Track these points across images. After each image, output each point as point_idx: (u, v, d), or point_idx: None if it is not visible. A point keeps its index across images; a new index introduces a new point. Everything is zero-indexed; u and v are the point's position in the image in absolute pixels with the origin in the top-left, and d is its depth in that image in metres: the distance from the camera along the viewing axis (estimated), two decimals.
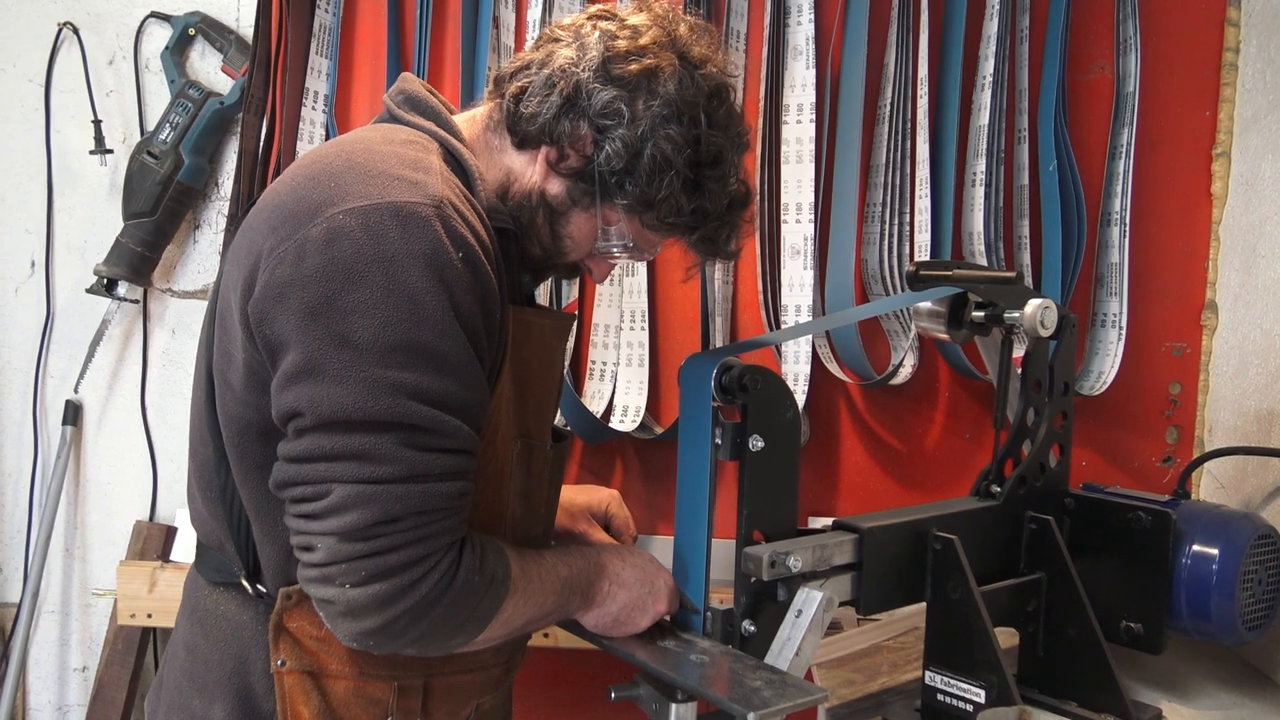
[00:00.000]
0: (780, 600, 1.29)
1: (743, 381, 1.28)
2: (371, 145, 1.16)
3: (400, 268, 1.05)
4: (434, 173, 1.13)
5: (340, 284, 1.04)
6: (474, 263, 1.09)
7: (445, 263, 1.06)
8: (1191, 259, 2.14)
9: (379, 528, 1.05)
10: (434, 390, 1.06)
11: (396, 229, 1.05)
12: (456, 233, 1.08)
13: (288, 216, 1.09)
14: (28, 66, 2.35)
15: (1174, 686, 1.57)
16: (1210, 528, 1.49)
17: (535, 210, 1.24)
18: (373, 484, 1.04)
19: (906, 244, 2.09)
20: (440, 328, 1.06)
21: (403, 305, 1.04)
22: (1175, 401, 2.16)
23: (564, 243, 1.27)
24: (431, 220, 1.07)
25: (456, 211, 1.10)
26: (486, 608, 1.14)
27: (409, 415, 1.05)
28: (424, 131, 1.23)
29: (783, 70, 2.12)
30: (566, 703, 2.21)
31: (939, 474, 2.20)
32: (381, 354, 1.04)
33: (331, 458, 1.05)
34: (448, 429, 1.07)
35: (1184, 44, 2.12)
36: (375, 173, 1.10)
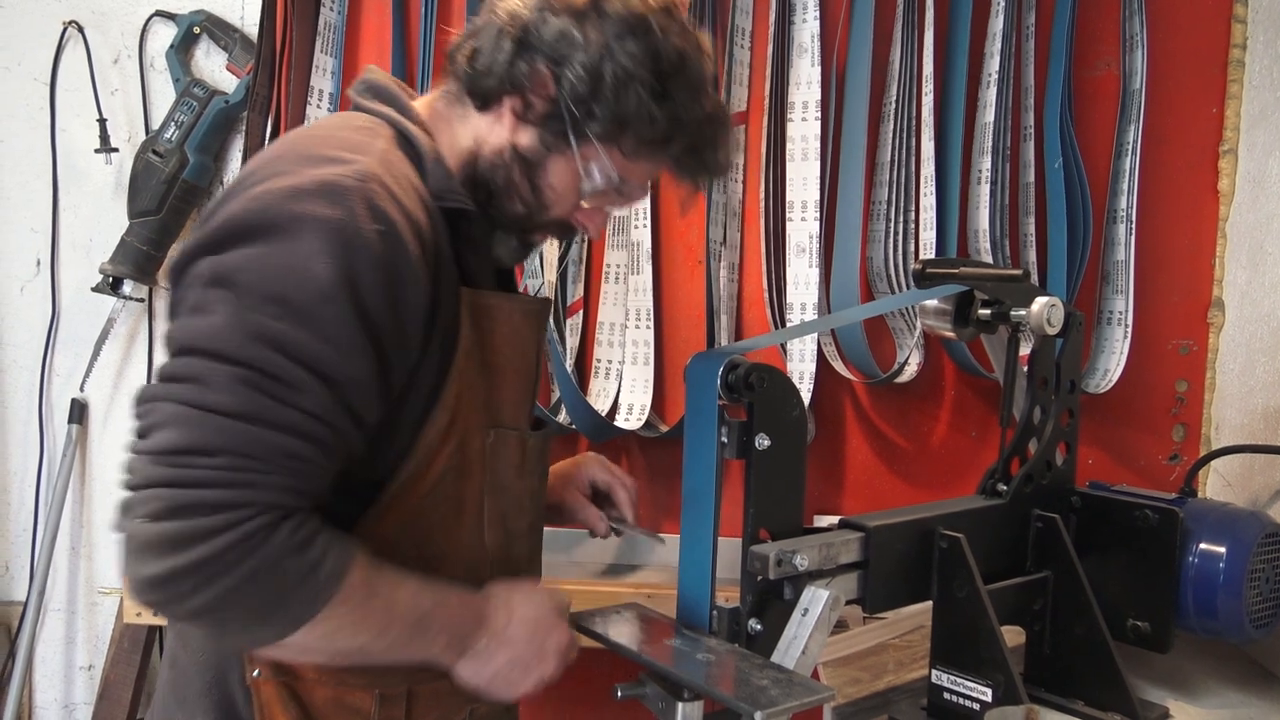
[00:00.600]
0: (787, 599, 1.29)
1: (749, 380, 1.27)
2: (318, 131, 1.17)
3: (302, 228, 1.02)
4: (373, 153, 1.11)
5: (238, 240, 1.02)
6: (394, 240, 1.05)
7: (354, 232, 1.03)
8: (1198, 256, 2.14)
9: (190, 457, 0.96)
10: (298, 346, 1.00)
11: (310, 200, 1.03)
12: (378, 207, 1.05)
13: (225, 195, 1.09)
14: (33, 65, 2.35)
15: (1181, 685, 1.57)
16: (1217, 526, 1.48)
17: (510, 167, 1.21)
18: (197, 408, 0.97)
19: (911, 242, 2.09)
20: (326, 293, 1.01)
21: (292, 263, 1.01)
22: (1182, 399, 2.16)
23: (546, 195, 1.22)
24: (351, 193, 1.04)
25: (385, 188, 1.07)
26: (299, 603, 1.02)
27: (260, 359, 0.99)
28: (380, 116, 1.21)
29: (788, 68, 2.12)
30: (572, 701, 2.21)
31: (945, 472, 2.20)
32: (255, 301, 1.00)
33: (173, 379, 1.00)
34: (301, 384, 1.00)
35: (1190, 40, 2.11)
36: (312, 155, 1.09)
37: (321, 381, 1.02)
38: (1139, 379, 2.12)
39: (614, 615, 1.35)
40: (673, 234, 2.22)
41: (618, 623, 1.32)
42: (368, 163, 1.09)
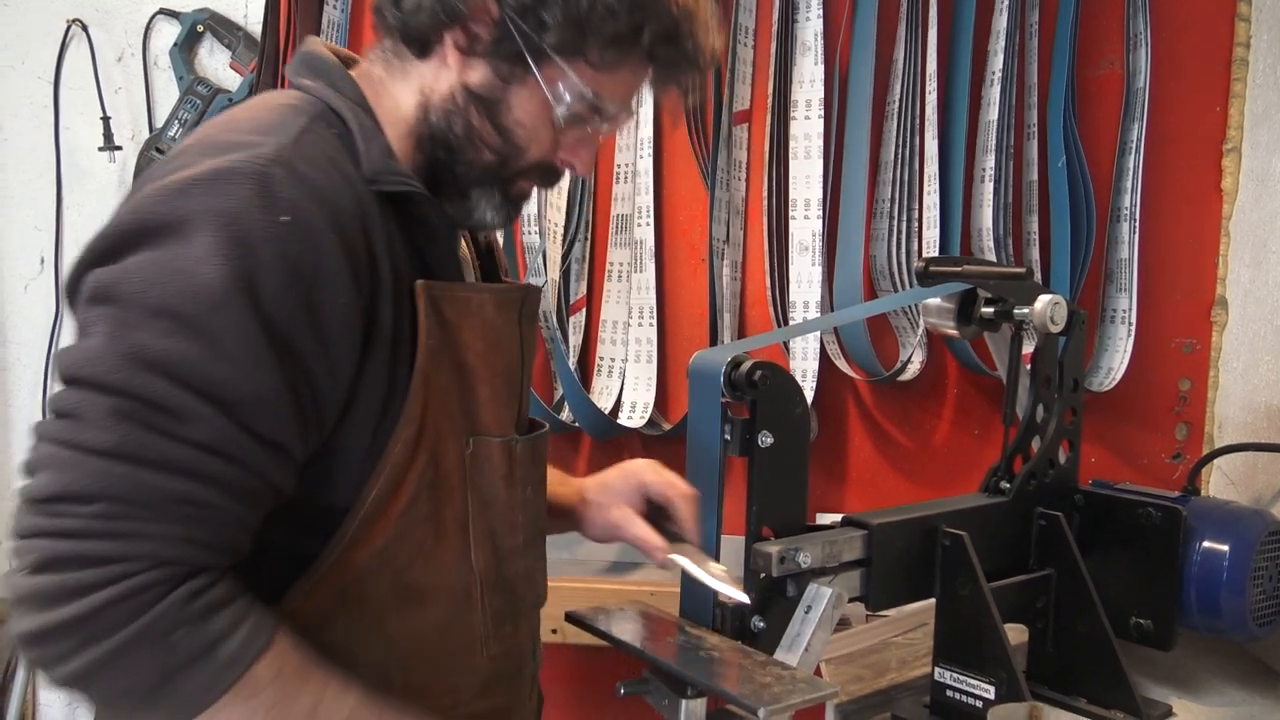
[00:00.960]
0: (790, 596, 1.29)
1: (752, 378, 1.27)
2: (235, 115, 1.03)
3: (190, 228, 0.88)
4: (288, 134, 0.96)
5: (124, 245, 0.89)
6: (303, 231, 0.91)
7: (250, 226, 0.88)
8: (1201, 255, 2.14)
9: (66, 504, 0.84)
10: (186, 367, 0.86)
11: (203, 192, 0.89)
12: (281, 195, 0.90)
13: (131, 192, 0.97)
14: (36, 64, 2.35)
15: (1184, 683, 1.57)
16: (1220, 524, 1.49)
17: (466, 112, 1.05)
18: (72, 448, 0.85)
19: (915, 240, 2.09)
20: (216, 300, 0.86)
21: (177, 268, 0.87)
22: (1185, 398, 2.16)
23: (515, 134, 1.07)
24: (248, 180, 0.90)
25: (292, 172, 0.92)
26: (192, 685, 0.87)
27: (140, 385, 0.85)
28: (309, 92, 1.05)
29: (791, 66, 2.12)
30: (575, 698, 2.21)
31: (947, 470, 2.20)
32: (137, 316, 0.86)
33: (53, 414, 0.88)
34: (189, 413, 0.86)
35: (1194, 39, 2.11)
36: (216, 143, 0.95)
37: (215, 406, 0.87)
38: (1142, 377, 2.12)
39: (617, 613, 1.35)
40: (676, 232, 2.22)
41: (621, 620, 1.32)
42: (275, 145, 0.94)
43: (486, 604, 1.12)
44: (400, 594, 1.04)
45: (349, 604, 1.02)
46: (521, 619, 1.19)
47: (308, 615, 1.00)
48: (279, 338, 0.90)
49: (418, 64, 1.07)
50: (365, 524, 1.00)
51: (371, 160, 1.01)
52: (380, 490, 1.00)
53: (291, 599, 1.00)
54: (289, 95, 1.06)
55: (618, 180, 2.20)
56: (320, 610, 1.01)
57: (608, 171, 2.21)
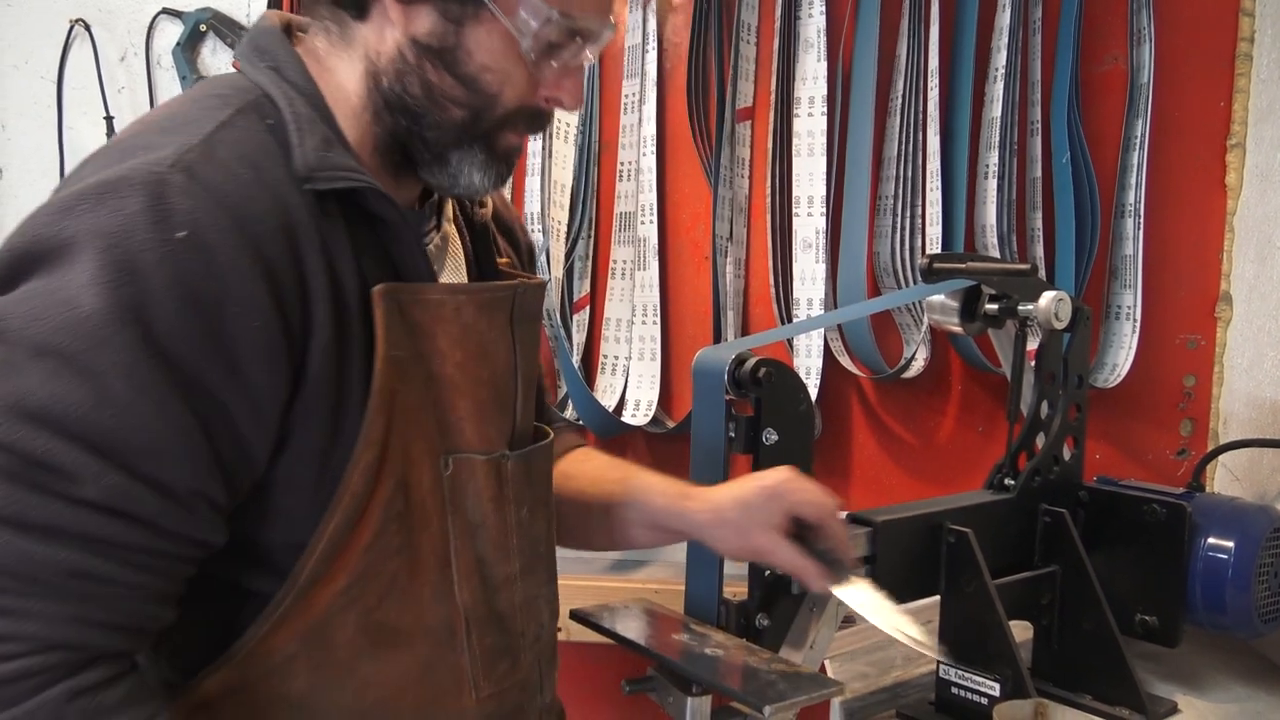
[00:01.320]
0: (794, 594, 1.29)
1: (756, 375, 1.27)
2: (156, 111, 0.93)
3: (74, 252, 0.77)
4: (197, 130, 0.85)
5: (15, 271, 0.79)
6: (205, 246, 0.79)
7: (138, 247, 0.77)
8: (1206, 251, 2.13)
9: None
10: (75, 416, 0.75)
11: (89, 208, 0.78)
12: (177, 207, 0.79)
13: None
14: (40, 63, 2.35)
15: (1189, 679, 1.56)
16: (1226, 520, 1.48)
17: (420, 68, 0.93)
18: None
19: (918, 237, 2.08)
20: (100, 335, 0.76)
21: (61, 299, 0.76)
22: (1189, 394, 2.15)
23: (481, 81, 0.94)
24: (137, 191, 0.78)
25: (194, 177, 0.81)
26: None
27: (21, 440, 0.74)
28: (249, 78, 0.94)
29: (794, 63, 2.12)
30: (579, 696, 2.21)
31: (952, 467, 2.20)
32: (22, 357, 0.76)
33: None
34: (80, 471, 0.75)
35: (1198, 35, 2.10)
36: (122, 147, 0.85)
37: (107, 460, 0.76)
38: (1147, 373, 2.11)
39: (621, 610, 1.35)
40: (679, 230, 2.22)
41: (625, 618, 1.32)
42: (178, 146, 0.83)
43: (475, 641, 1.01)
44: (371, 636, 0.94)
45: (312, 648, 0.92)
46: (523, 653, 1.08)
47: (267, 661, 0.91)
48: (180, 373, 0.79)
49: (358, 27, 0.95)
50: (324, 561, 0.90)
51: (305, 155, 0.88)
52: (339, 524, 0.89)
53: (247, 643, 0.90)
54: (222, 83, 0.95)
55: (621, 178, 2.20)
56: (280, 655, 0.91)
57: (611, 169, 2.21)
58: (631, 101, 2.17)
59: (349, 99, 0.95)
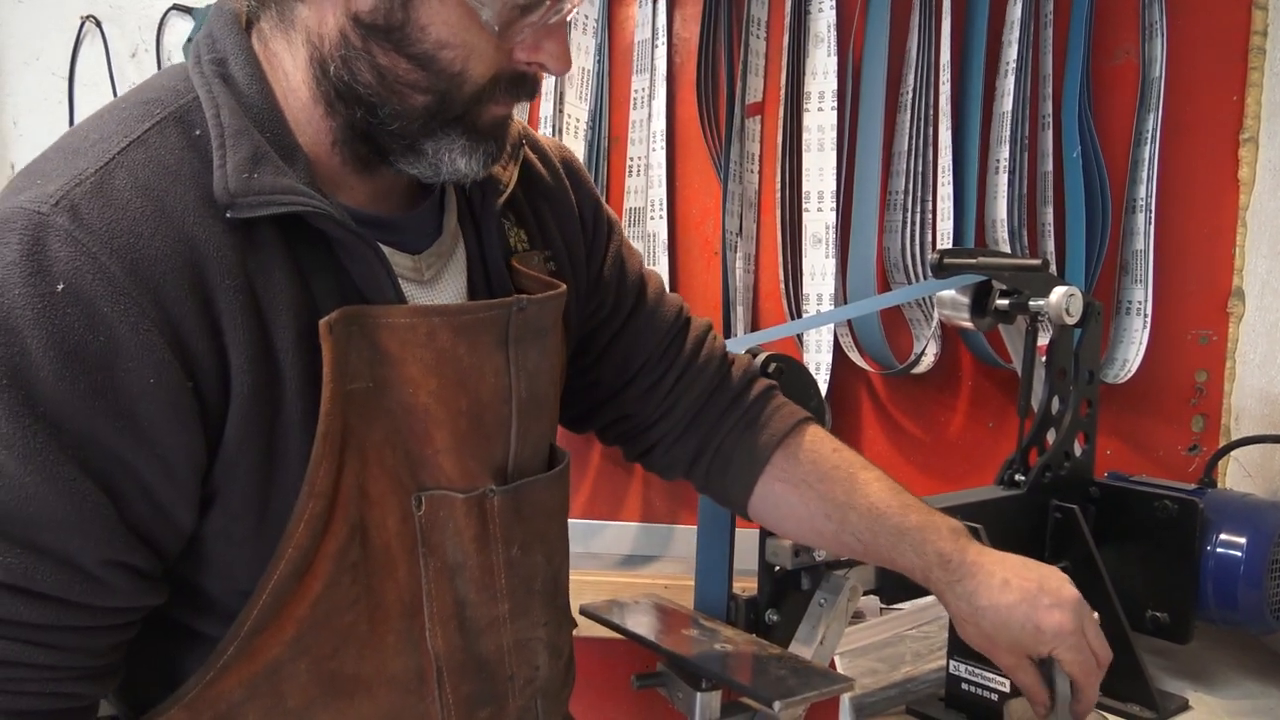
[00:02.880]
0: (804, 589, 1.29)
1: (767, 370, 1.27)
2: (82, 123, 0.84)
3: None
4: (99, 153, 0.77)
5: None
6: (86, 299, 0.70)
7: (11, 303, 0.69)
8: (1218, 245, 2.12)
9: None
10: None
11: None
12: (56, 255, 0.70)
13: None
14: (51, 59, 2.36)
15: (1200, 676, 1.56)
16: (1237, 516, 1.48)
17: (367, 51, 0.81)
18: None
19: (929, 232, 2.08)
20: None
21: None
22: (1201, 389, 2.15)
23: (440, 59, 0.81)
24: (16, 238, 0.71)
25: (78, 218, 0.72)
26: None
27: None
28: (191, 79, 0.84)
29: (804, 58, 2.11)
30: (589, 691, 2.21)
31: (962, 463, 2.19)
32: None
33: None
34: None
35: (1211, 28, 2.09)
36: (26, 173, 0.79)
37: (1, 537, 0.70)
38: (1158, 369, 2.11)
39: (631, 605, 1.35)
40: (689, 225, 2.22)
41: (635, 613, 1.33)
42: (69, 178, 0.74)
43: (449, 690, 0.93)
44: (326, 685, 0.87)
45: (261, 695, 0.85)
46: (511, 698, 0.99)
47: (215, 706, 0.85)
48: (70, 436, 0.71)
49: (298, 8, 0.83)
50: (269, 612, 0.83)
51: (225, 177, 0.77)
52: (283, 576, 0.82)
53: (193, 686, 0.84)
54: (159, 85, 0.85)
55: (630, 173, 2.20)
56: (227, 702, 0.85)
57: (620, 164, 2.21)
58: (641, 96, 2.17)
59: (297, 91, 0.84)
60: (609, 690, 2.21)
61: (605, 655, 2.14)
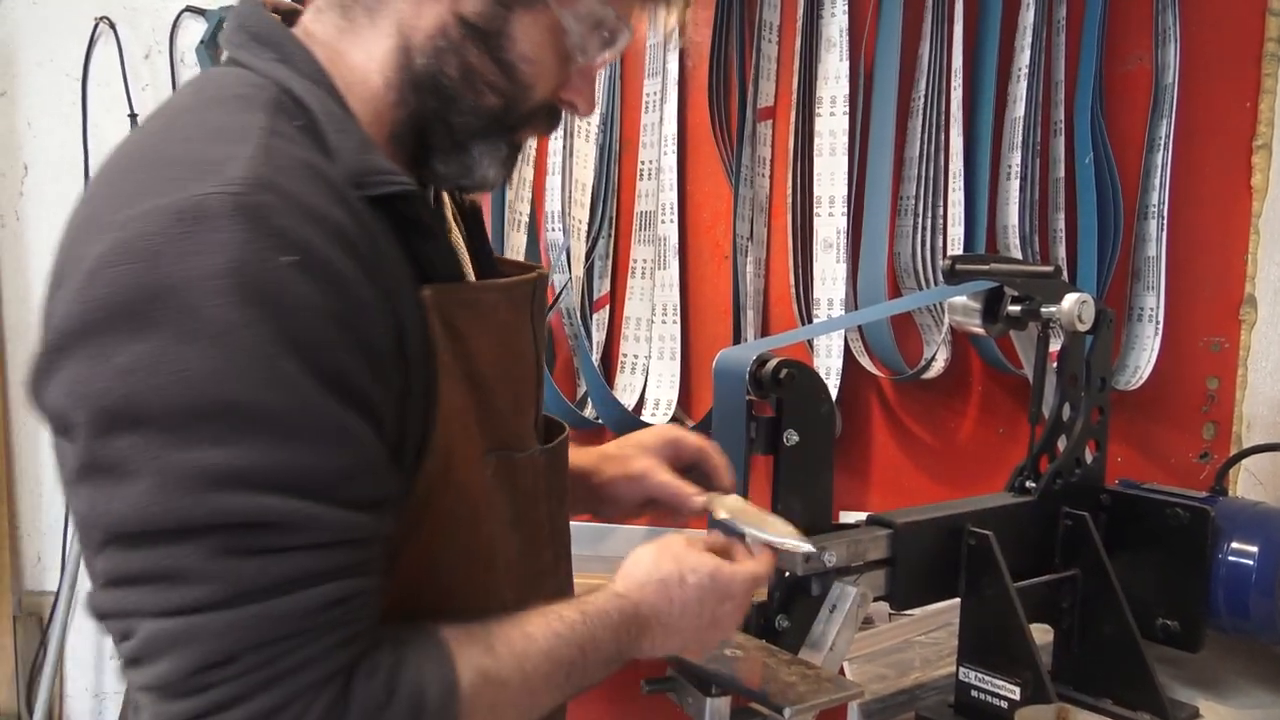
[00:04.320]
0: (814, 595, 1.29)
1: (778, 376, 1.27)
2: (172, 117, 0.84)
3: (195, 298, 0.70)
4: (248, 140, 0.78)
5: (114, 335, 0.71)
6: (317, 265, 0.74)
7: (262, 275, 0.72)
8: (1230, 252, 2.12)
9: (205, 675, 0.72)
10: (265, 468, 0.72)
11: (183, 241, 0.71)
12: (280, 227, 0.73)
13: (71, 238, 0.77)
14: (65, 60, 2.37)
15: (1211, 684, 1.55)
16: (1249, 525, 1.47)
17: (462, 48, 0.87)
18: (184, 614, 0.72)
19: (940, 237, 2.08)
20: (265, 376, 0.72)
21: (203, 353, 0.70)
22: (1213, 397, 2.14)
23: (521, 70, 0.89)
24: (231, 217, 0.72)
25: (279, 195, 0.74)
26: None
27: (225, 512, 0.71)
28: (259, 73, 0.86)
29: (816, 62, 2.11)
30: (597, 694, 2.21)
31: (972, 469, 2.19)
32: (179, 429, 0.71)
33: (130, 582, 0.74)
34: (294, 519, 0.73)
35: (1224, 34, 2.09)
36: (164, 159, 0.78)
37: (316, 499, 0.75)
38: (1169, 376, 2.10)
39: None
40: (700, 229, 2.22)
41: None
42: (240, 160, 0.75)
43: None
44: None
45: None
46: None
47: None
48: (346, 391, 0.76)
49: (390, 0, 0.88)
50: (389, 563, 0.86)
51: (346, 159, 0.82)
52: (400, 533, 0.86)
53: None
54: (235, 79, 0.86)
55: (641, 177, 2.20)
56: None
57: (631, 168, 2.21)
58: (653, 100, 2.17)
59: (367, 79, 0.88)
60: (618, 695, 2.20)
61: None
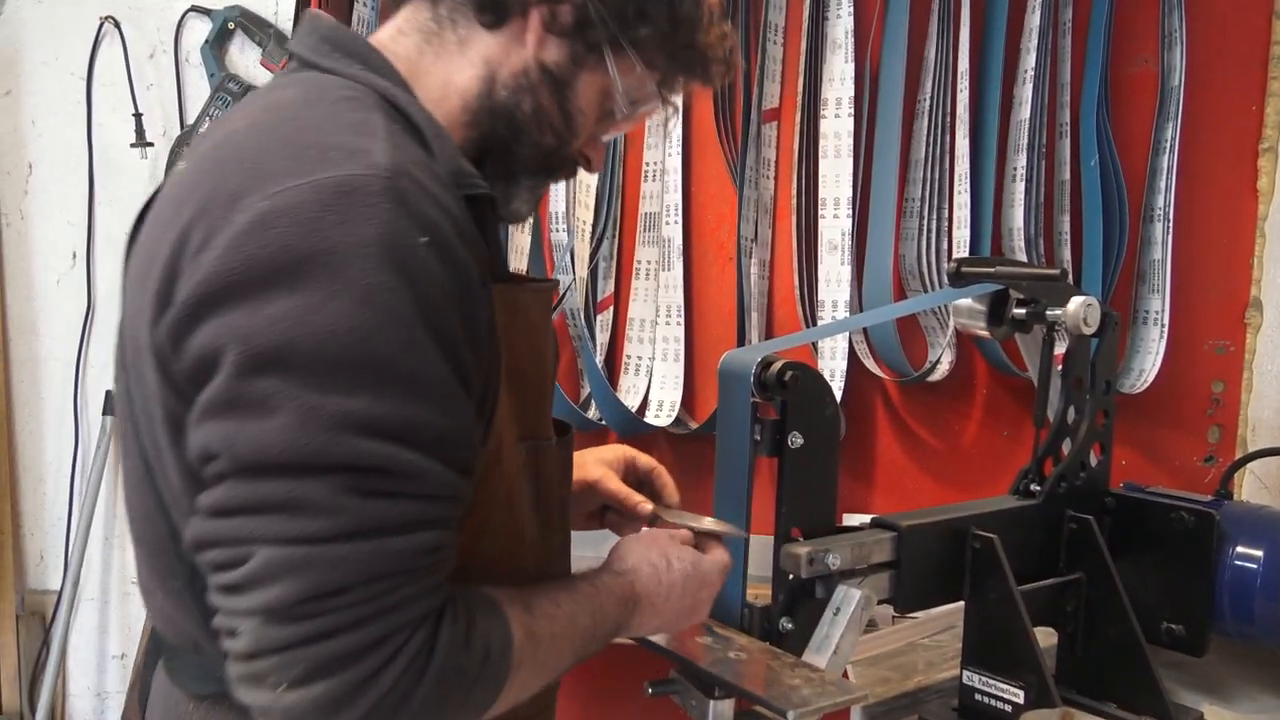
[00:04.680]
0: (818, 598, 1.29)
1: (783, 378, 1.27)
2: (296, 108, 0.92)
3: (346, 262, 0.79)
4: (378, 135, 0.87)
5: (270, 288, 0.80)
6: (445, 247, 0.84)
7: (406, 251, 0.81)
8: (1236, 255, 2.12)
9: (316, 603, 0.79)
10: (392, 420, 0.81)
11: (338, 211, 0.81)
12: (418, 210, 0.83)
13: (202, 209, 0.85)
14: (70, 60, 2.37)
15: (1215, 689, 1.55)
16: (1255, 529, 1.47)
17: (538, 89, 1.00)
18: (304, 543, 0.79)
19: (945, 239, 2.08)
20: (402, 337, 0.81)
21: (350, 311, 0.79)
22: (1218, 400, 2.14)
23: (576, 120, 1.03)
24: (382, 197, 0.82)
25: (415, 183, 0.84)
26: (481, 695, 0.89)
27: (354, 455, 0.79)
28: (356, 81, 0.95)
29: (821, 64, 2.11)
30: (601, 697, 2.21)
31: (976, 472, 2.18)
32: (321, 376, 0.79)
33: (252, 510, 0.80)
34: (410, 470, 0.82)
35: (1230, 37, 2.09)
36: (305, 143, 0.86)
37: (428, 453, 0.83)
38: (1175, 379, 2.10)
39: None
40: (704, 230, 2.22)
41: None
42: (382, 150, 0.85)
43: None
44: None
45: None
46: None
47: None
48: (455, 363, 0.85)
49: (482, 35, 0.99)
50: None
51: (444, 161, 0.92)
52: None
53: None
54: (337, 82, 0.95)
55: (646, 178, 2.20)
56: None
57: (636, 169, 2.21)
58: None
59: (445, 99, 0.99)
60: (622, 697, 2.20)
61: (618, 661, 2.13)
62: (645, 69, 1.03)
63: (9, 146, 2.42)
